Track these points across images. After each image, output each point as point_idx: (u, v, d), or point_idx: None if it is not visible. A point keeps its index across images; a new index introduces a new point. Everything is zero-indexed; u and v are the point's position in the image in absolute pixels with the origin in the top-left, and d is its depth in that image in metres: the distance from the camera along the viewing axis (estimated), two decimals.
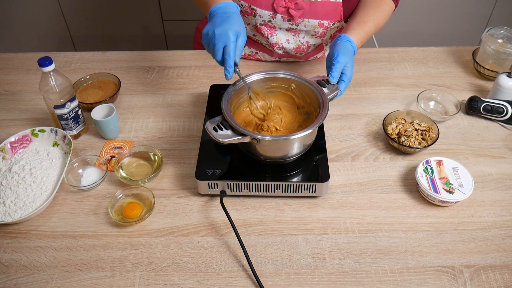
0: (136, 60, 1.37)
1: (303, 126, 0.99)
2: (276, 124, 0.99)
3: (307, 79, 0.99)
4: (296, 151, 0.93)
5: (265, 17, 1.16)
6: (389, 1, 1.15)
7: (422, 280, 0.83)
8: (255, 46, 1.31)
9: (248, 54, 1.33)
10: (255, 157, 0.95)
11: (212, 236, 0.90)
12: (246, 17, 1.18)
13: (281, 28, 1.20)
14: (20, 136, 1.04)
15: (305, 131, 0.87)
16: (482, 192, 0.98)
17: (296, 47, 1.25)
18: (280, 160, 0.94)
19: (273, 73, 1.01)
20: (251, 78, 1.00)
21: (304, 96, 1.01)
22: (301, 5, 1.13)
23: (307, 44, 1.25)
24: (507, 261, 0.86)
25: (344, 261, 0.86)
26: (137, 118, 1.17)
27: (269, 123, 0.98)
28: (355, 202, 0.96)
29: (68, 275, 0.84)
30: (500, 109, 1.12)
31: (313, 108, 0.99)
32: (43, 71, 0.98)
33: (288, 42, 1.24)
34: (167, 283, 0.83)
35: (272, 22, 1.17)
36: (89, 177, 0.99)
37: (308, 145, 0.95)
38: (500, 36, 1.27)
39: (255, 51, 1.32)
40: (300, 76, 1.00)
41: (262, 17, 1.16)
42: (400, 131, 1.06)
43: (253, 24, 1.20)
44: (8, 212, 0.91)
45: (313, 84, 0.98)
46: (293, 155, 0.94)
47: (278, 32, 1.22)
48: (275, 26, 1.20)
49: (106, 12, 2.27)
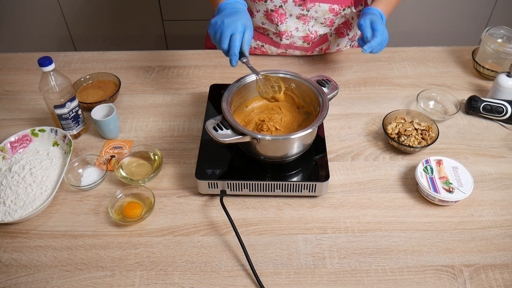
0: (136, 60, 1.37)
1: (303, 125, 0.99)
2: (276, 124, 0.99)
3: (307, 79, 0.99)
4: (296, 150, 0.93)
5: (276, 2, 1.17)
6: None
7: (422, 279, 0.83)
8: (262, 38, 1.31)
9: (254, 47, 1.33)
10: (255, 157, 0.95)
11: (212, 236, 0.90)
12: (257, 3, 1.19)
13: (291, 15, 1.21)
14: (20, 136, 1.04)
15: (305, 130, 0.88)
16: (482, 192, 0.98)
17: (305, 35, 1.26)
18: (280, 159, 0.94)
19: (273, 72, 1.01)
20: (251, 78, 1.00)
21: (304, 96, 1.01)
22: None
23: (315, 33, 1.26)
24: (507, 260, 0.86)
25: (344, 261, 0.86)
26: (137, 118, 1.17)
27: (269, 123, 0.98)
28: (355, 201, 0.96)
29: (68, 274, 0.84)
30: (500, 109, 1.12)
31: (313, 108, 0.99)
32: (43, 71, 0.98)
33: (297, 30, 1.24)
34: (167, 283, 0.83)
35: (283, 7, 1.18)
36: (89, 177, 0.99)
37: (308, 144, 0.95)
38: (499, 36, 1.27)
39: (261, 43, 1.32)
40: (300, 75, 1.00)
41: (273, 2, 1.17)
42: (400, 130, 1.06)
43: (263, 11, 1.21)
44: (8, 211, 0.91)
45: (313, 83, 0.98)
46: (293, 154, 0.94)
47: (288, 20, 1.22)
48: (286, 12, 1.20)
49: (106, 12, 2.27)
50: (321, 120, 0.90)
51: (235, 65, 0.94)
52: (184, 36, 2.35)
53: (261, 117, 1.01)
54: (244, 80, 1.00)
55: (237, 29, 0.93)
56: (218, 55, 1.37)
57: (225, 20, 0.94)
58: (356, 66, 1.33)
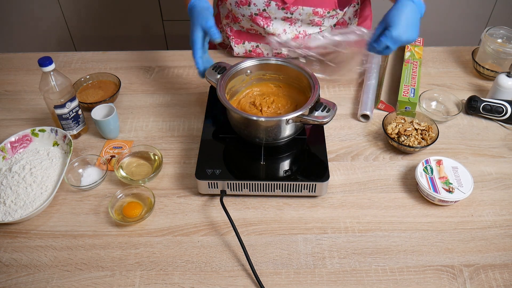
0: (136, 60, 1.37)
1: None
2: (269, 109, 1.02)
3: (299, 64, 1.01)
4: (289, 131, 0.94)
5: (259, 6, 1.17)
6: None
7: (421, 279, 0.83)
8: (254, 38, 1.30)
9: (249, 50, 1.33)
10: (251, 139, 0.97)
11: (212, 236, 0.90)
12: (241, 7, 1.18)
13: (276, 18, 1.20)
14: (20, 136, 1.04)
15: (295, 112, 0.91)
16: (482, 192, 0.98)
17: (294, 37, 1.25)
18: (274, 141, 0.96)
19: (265, 59, 1.04)
20: (245, 64, 1.03)
21: (296, 83, 1.04)
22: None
23: (304, 33, 1.24)
24: (507, 260, 0.86)
25: (344, 261, 0.86)
26: (137, 118, 1.17)
27: (262, 103, 1.03)
28: (355, 201, 0.97)
29: (69, 274, 0.84)
30: (500, 109, 1.12)
31: (306, 95, 1.01)
32: (43, 71, 0.98)
33: (285, 32, 1.24)
34: (167, 283, 0.83)
35: (266, 11, 1.18)
36: (89, 177, 0.99)
37: (299, 127, 0.97)
38: (499, 36, 1.28)
39: (256, 44, 1.31)
40: (291, 61, 1.03)
41: (256, 6, 1.17)
42: (399, 130, 1.06)
43: (248, 15, 1.20)
44: (9, 211, 0.91)
45: (304, 69, 1.00)
46: (286, 135, 0.96)
47: (274, 22, 1.22)
48: (270, 16, 1.20)
49: (106, 12, 2.27)
50: (313, 101, 0.92)
51: (201, 71, 1.01)
52: (184, 36, 2.33)
53: (254, 101, 1.05)
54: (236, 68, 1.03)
55: (194, 42, 0.99)
56: (218, 55, 1.37)
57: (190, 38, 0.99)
58: None
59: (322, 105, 0.93)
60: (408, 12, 0.93)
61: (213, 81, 1.00)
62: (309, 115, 0.92)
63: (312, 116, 0.92)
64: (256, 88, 1.08)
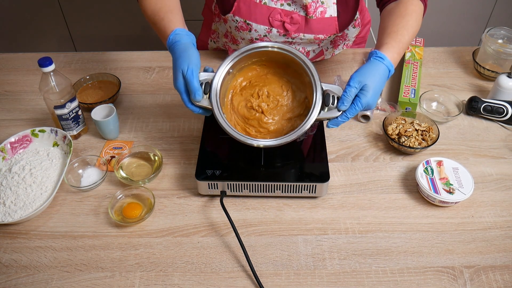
0: (136, 60, 1.37)
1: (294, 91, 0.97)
2: (269, 107, 0.97)
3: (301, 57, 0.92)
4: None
5: (260, 32, 1.15)
6: (416, 1, 1.03)
7: (422, 280, 0.83)
8: None
9: None
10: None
11: (212, 237, 0.90)
12: (242, 32, 1.17)
13: (277, 42, 1.19)
14: (20, 136, 1.04)
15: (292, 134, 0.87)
16: (482, 193, 0.98)
17: None
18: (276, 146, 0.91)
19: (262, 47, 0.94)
20: (226, 66, 0.94)
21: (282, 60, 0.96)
22: (297, 20, 1.12)
23: (304, 50, 1.24)
24: (507, 262, 0.86)
25: (344, 262, 0.86)
26: (137, 118, 1.17)
27: (260, 103, 0.97)
28: (355, 202, 0.96)
29: (68, 275, 0.84)
30: (500, 110, 1.12)
31: (297, 72, 0.96)
32: (43, 71, 0.98)
33: None
34: (167, 284, 0.83)
35: (268, 36, 1.16)
36: (89, 178, 0.99)
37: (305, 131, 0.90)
38: (500, 37, 1.27)
39: None
40: (290, 49, 0.93)
41: (257, 32, 1.15)
42: (400, 131, 1.06)
43: (248, 39, 1.19)
44: (8, 212, 0.91)
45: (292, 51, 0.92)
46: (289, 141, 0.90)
47: None
48: (271, 40, 1.18)
49: (106, 12, 2.27)
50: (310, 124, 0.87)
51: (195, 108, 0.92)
52: None
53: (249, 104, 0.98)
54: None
55: (178, 86, 0.93)
56: (218, 56, 1.37)
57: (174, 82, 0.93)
58: (356, 66, 1.33)
59: (329, 97, 0.87)
60: (381, 75, 0.91)
61: (208, 106, 0.91)
62: (321, 114, 0.87)
63: (325, 113, 0.87)
64: (240, 78, 0.99)
